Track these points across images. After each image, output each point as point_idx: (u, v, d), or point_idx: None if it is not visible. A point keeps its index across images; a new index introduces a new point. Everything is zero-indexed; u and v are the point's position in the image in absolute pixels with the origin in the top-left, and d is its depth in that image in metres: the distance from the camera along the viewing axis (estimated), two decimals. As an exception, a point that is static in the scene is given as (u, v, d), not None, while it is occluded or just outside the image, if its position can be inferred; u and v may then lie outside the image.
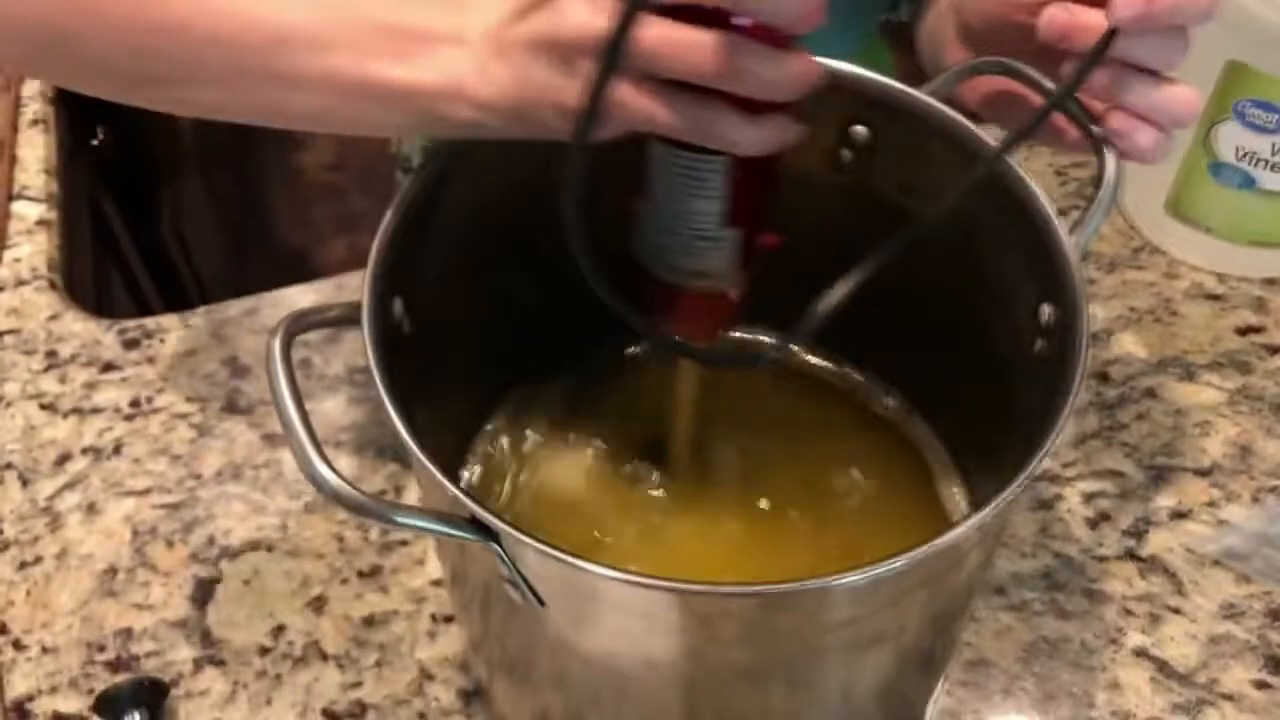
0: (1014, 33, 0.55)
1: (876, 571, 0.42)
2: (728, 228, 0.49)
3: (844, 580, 0.42)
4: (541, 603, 0.46)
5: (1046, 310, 0.51)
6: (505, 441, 0.65)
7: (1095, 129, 0.53)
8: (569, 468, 0.63)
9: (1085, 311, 0.48)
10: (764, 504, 0.61)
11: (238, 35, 0.49)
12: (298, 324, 0.49)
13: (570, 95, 0.44)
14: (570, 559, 0.42)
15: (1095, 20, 0.50)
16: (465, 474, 0.64)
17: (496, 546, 0.44)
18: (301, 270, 0.80)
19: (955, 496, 0.63)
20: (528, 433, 0.65)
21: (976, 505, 0.46)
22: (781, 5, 0.42)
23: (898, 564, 0.42)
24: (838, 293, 0.52)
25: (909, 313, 0.61)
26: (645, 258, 0.52)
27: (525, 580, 0.45)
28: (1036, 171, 0.84)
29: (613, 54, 0.42)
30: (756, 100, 0.44)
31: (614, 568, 0.42)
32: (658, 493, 0.62)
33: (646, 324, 0.50)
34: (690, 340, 0.55)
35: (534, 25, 0.45)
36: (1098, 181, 0.52)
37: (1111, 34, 0.49)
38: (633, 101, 0.44)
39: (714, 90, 0.44)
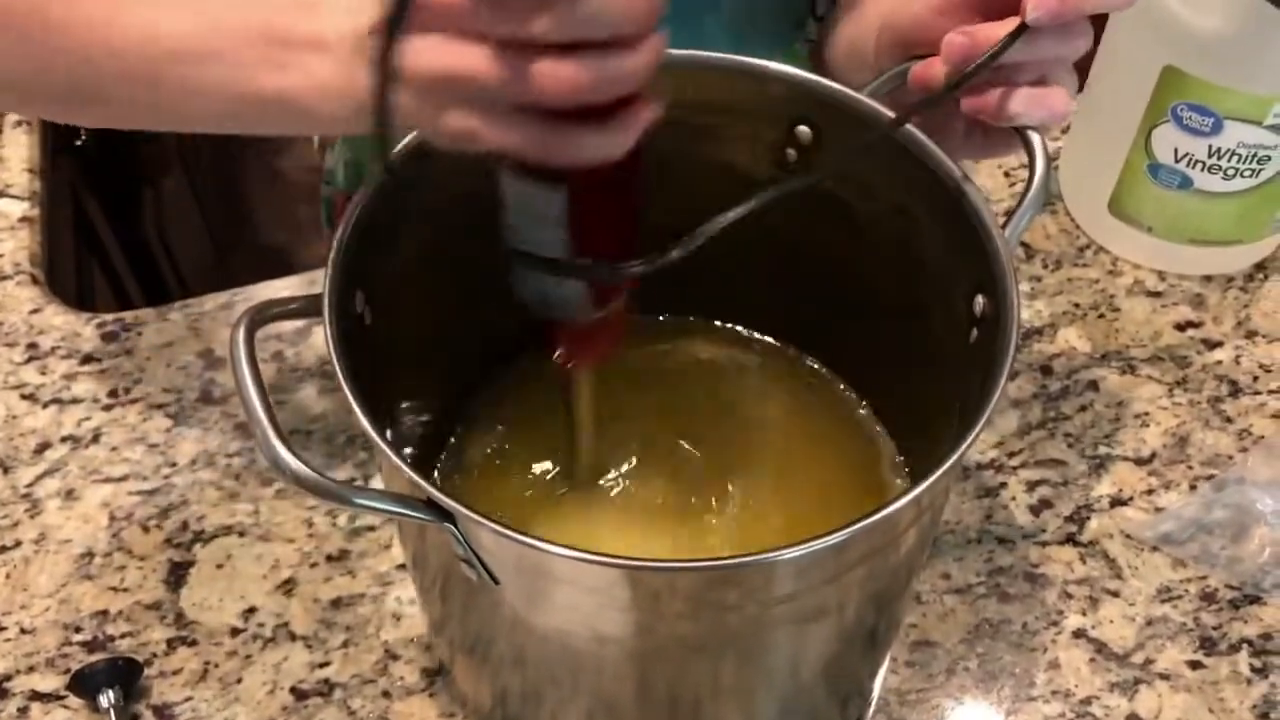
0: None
1: (815, 546, 0.44)
2: (578, 258, 0.48)
3: (784, 555, 0.44)
4: (496, 581, 0.48)
5: (980, 301, 0.54)
6: (477, 425, 0.67)
7: (1024, 128, 0.55)
8: (535, 452, 0.65)
9: (1016, 301, 0.50)
10: (714, 487, 0.64)
11: (121, 50, 0.51)
12: (261, 316, 0.51)
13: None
14: (520, 537, 0.43)
15: (994, 34, 0.52)
16: (438, 457, 0.66)
17: (451, 527, 0.46)
18: (283, 269, 0.82)
19: (899, 483, 0.65)
20: (495, 419, 0.67)
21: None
22: (610, 18, 0.41)
23: (835, 539, 0.44)
24: (715, 224, 0.50)
25: (853, 304, 0.63)
26: (513, 287, 0.51)
27: (479, 559, 0.47)
28: (984, 173, 0.87)
29: (387, 47, 0.42)
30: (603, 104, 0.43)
31: (562, 545, 0.43)
32: (611, 476, 0.64)
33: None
34: (575, 364, 0.56)
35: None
36: (1029, 177, 0.55)
37: (1020, 30, 0.51)
38: (478, 130, 0.44)
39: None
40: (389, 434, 0.48)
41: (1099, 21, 0.69)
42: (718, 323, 0.71)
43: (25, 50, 0.53)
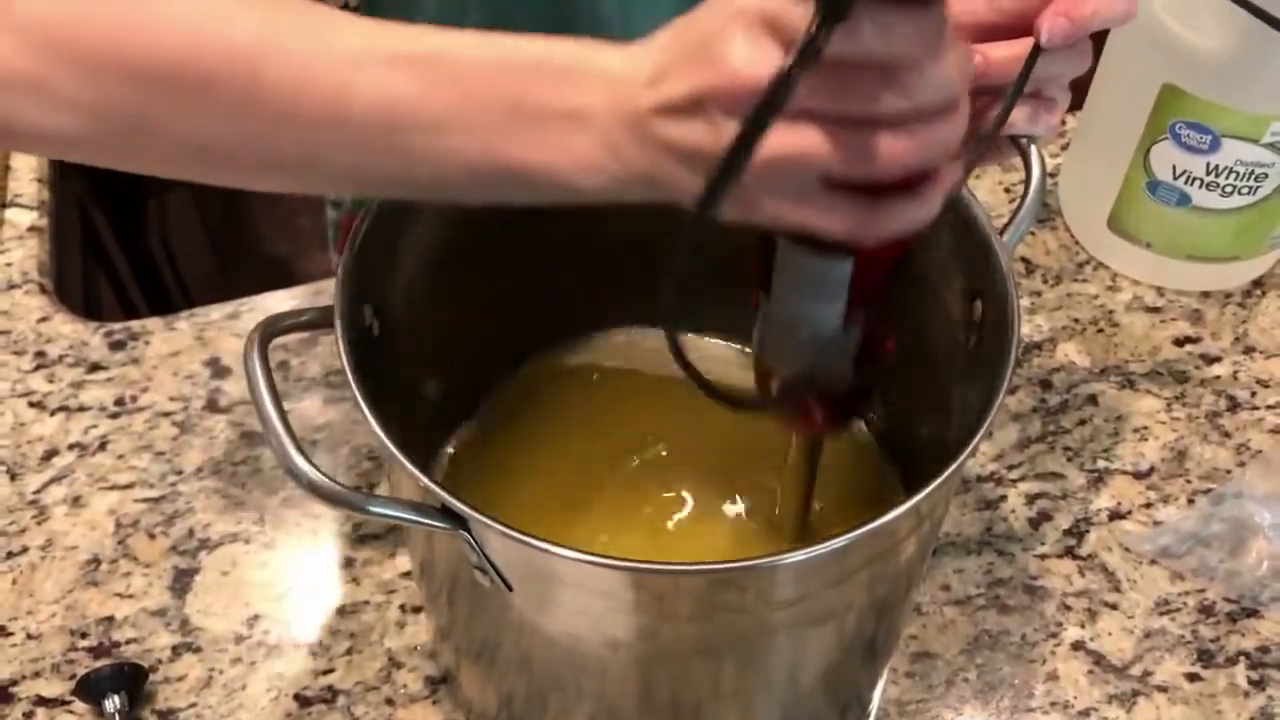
0: None
1: (816, 551, 0.45)
2: (849, 327, 0.47)
3: (786, 559, 0.45)
4: (509, 587, 0.48)
5: (979, 306, 0.54)
6: (481, 434, 0.68)
7: (1019, 138, 0.56)
8: (537, 460, 0.66)
9: (1015, 305, 0.51)
10: (722, 504, 0.64)
11: (352, 116, 0.45)
12: (273, 326, 0.51)
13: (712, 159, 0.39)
14: (535, 542, 0.44)
15: (1005, 53, 0.53)
16: (441, 466, 0.67)
17: (465, 533, 0.46)
18: (285, 280, 0.83)
19: (900, 492, 0.66)
20: (502, 425, 0.68)
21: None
22: (951, 86, 0.39)
23: (835, 544, 0.45)
24: None
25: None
26: (766, 354, 0.50)
27: (493, 565, 0.47)
28: (984, 189, 0.88)
29: (765, 114, 0.37)
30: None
31: (576, 550, 0.44)
32: (616, 487, 0.65)
33: (716, 391, 0.45)
34: (814, 433, 0.54)
35: (682, 85, 0.40)
36: (1025, 185, 0.56)
37: (1036, 53, 0.52)
38: (795, 212, 0.40)
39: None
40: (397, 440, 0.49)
41: (1098, 41, 0.70)
42: (710, 338, 0.72)
43: (230, 119, 0.47)
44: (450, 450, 0.68)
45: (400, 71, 0.45)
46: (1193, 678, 0.66)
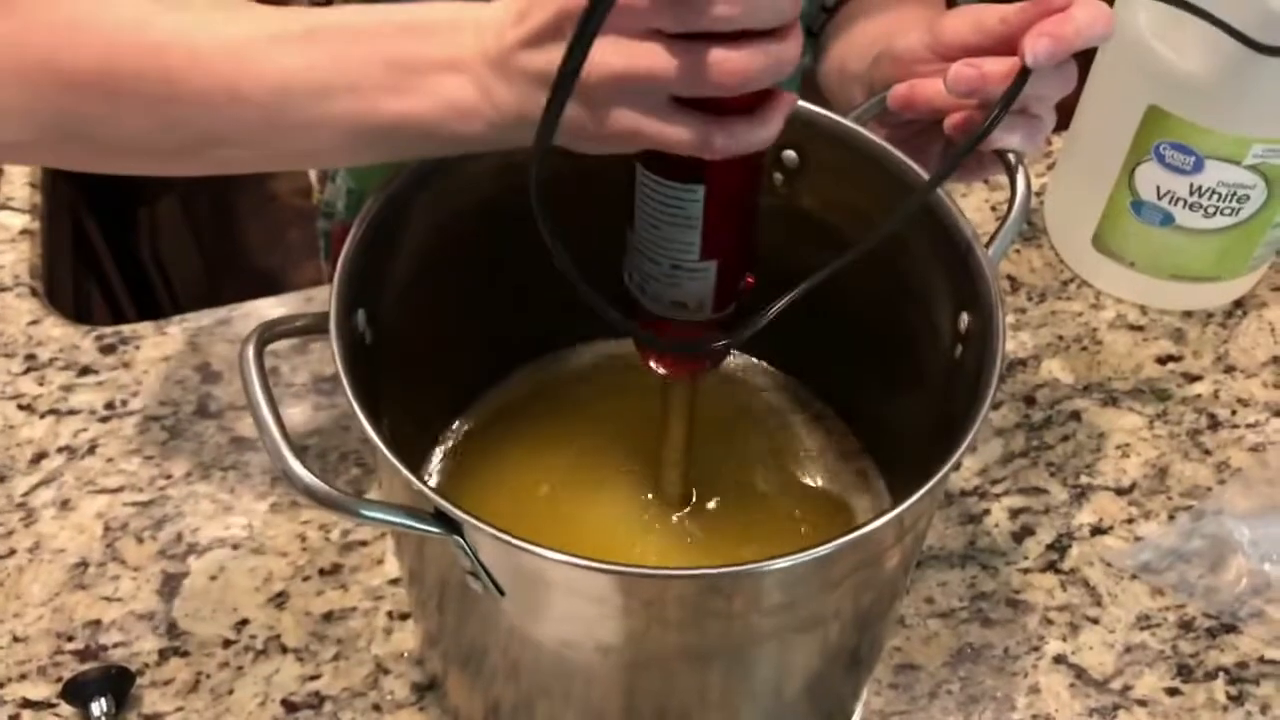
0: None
1: (801, 558, 0.46)
2: (705, 259, 0.50)
3: (771, 566, 0.46)
4: (501, 592, 0.49)
5: (965, 318, 0.55)
6: (468, 443, 0.68)
7: (1006, 152, 0.57)
8: (527, 468, 0.66)
9: (1001, 316, 0.52)
10: (699, 502, 0.65)
11: (247, 94, 0.50)
12: (270, 331, 0.52)
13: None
14: (530, 546, 0.45)
15: (1000, 69, 0.54)
16: (430, 473, 0.67)
17: (459, 538, 0.47)
18: (273, 290, 0.83)
19: (885, 503, 0.67)
20: (489, 434, 0.68)
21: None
22: (780, 4, 0.42)
23: (820, 552, 0.46)
24: (781, 303, 0.54)
25: (841, 325, 0.64)
26: (631, 285, 0.53)
27: (486, 571, 0.48)
28: (970, 206, 0.89)
29: (578, 60, 0.41)
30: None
31: (571, 554, 0.44)
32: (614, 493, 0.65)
33: (618, 317, 0.50)
34: (672, 375, 0.57)
35: (540, 15, 0.44)
36: (1010, 200, 0.57)
37: (1025, 74, 0.53)
38: (643, 127, 0.45)
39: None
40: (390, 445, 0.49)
41: (1084, 63, 0.71)
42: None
43: (148, 112, 0.52)
44: (440, 457, 0.68)
45: (286, 48, 0.49)
46: (1172, 692, 0.67)
